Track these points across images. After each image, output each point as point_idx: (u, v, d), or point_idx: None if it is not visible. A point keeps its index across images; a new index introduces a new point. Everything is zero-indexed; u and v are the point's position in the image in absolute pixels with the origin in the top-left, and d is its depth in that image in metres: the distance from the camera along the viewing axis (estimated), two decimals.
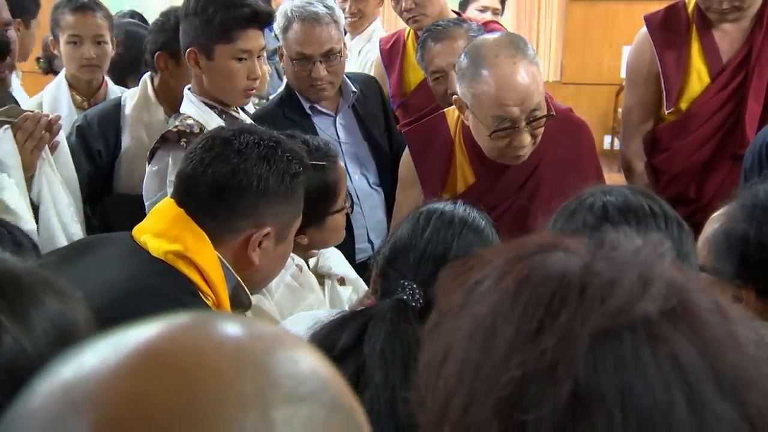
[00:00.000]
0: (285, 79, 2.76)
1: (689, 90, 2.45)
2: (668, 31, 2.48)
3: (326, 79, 2.50)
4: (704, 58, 2.43)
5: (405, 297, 1.32)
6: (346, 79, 2.64)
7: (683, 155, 2.48)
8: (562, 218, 1.24)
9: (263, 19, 2.16)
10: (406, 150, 2.25)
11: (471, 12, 3.85)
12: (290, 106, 2.58)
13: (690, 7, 2.48)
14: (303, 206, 1.60)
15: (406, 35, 3.07)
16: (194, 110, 2.15)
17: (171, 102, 2.40)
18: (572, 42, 7.77)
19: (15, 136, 1.97)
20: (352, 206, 2.05)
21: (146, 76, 2.47)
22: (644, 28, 2.55)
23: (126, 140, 2.39)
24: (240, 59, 2.13)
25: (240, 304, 1.57)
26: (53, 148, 2.08)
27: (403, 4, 2.90)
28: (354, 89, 2.64)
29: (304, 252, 1.94)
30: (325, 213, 1.88)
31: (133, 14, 4.03)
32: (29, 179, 1.99)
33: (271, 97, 3.08)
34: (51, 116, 2.07)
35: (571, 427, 0.54)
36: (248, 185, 1.44)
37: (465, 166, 2.12)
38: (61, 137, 2.15)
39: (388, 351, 1.25)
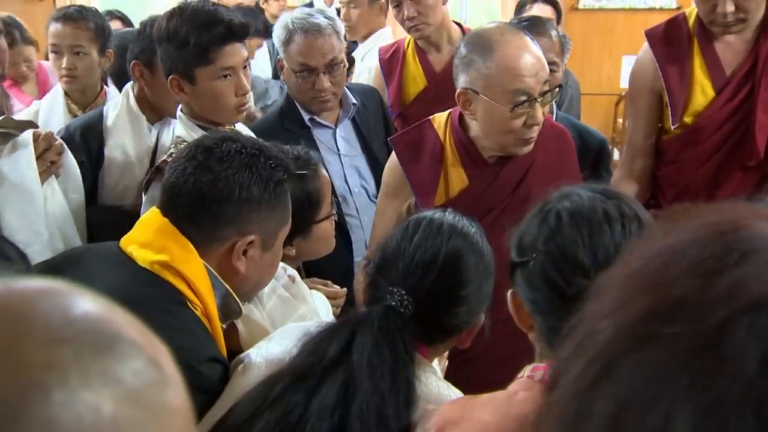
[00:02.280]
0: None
1: (693, 104, 2.38)
2: (670, 45, 2.41)
3: (329, 90, 2.47)
4: (707, 72, 2.36)
5: (393, 303, 1.30)
6: (347, 91, 2.60)
7: (691, 167, 2.41)
8: (524, 225, 1.21)
9: (239, 32, 2.07)
10: (392, 157, 2.19)
11: None
12: (290, 118, 2.54)
13: (691, 20, 2.40)
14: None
15: (406, 45, 3.04)
16: (186, 133, 2.08)
17: (153, 110, 2.36)
18: (571, 52, 7.74)
19: None
20: (338, 213, 2.00)
21: (128, 86, 2.41)
22: (646, 43, 2.47)
23: (109, 151, 2.33)
24: (225, 76, 2.05)
25: (230, 312, 1.54)
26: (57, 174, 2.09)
27: (405, 13, 2.85)
28: (354, 101, 2.60)
29: (294, 263, 1.89)
30: (310, 222, 1.83)
31: (112, 13, 4.01)
32: None
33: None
34: (47, 131, 2.07)
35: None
36: (230, 193, 1.41)
37: (458, 169, 2.07)
38: (70, 156, 2.15)
39: (376, 358, 1.23)
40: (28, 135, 1.99)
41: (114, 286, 1.42)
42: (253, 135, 2.26)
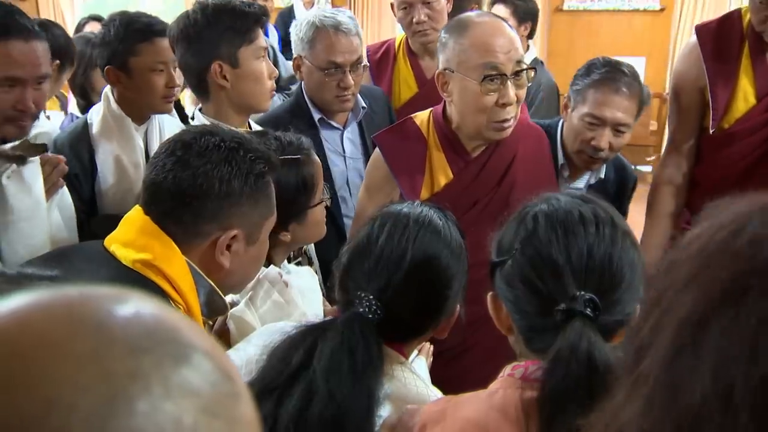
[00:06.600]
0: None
1: (733, 111, 2.31)
2: (719, 44, 2.31)
3: (352, 89, 2.45)
4: (753, 79, 2.29)
5: (361, 310, 1.24)
6: (358, 94, 2.55)
7: (721, 167, 2.36)
8: (504, 228, 1.19)
9: (264, 17, 2.14)
10: (375, 153, 2.14)
11: None
12: (300, 116, 2.47)
13: (745, 20, 2.30)
14: (282, 202, 1.52)
15: (396, 47, 2.93)
16: None
17: (137, 112, 2.25)
18: (556, 53, 7.69)
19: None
20: (330, 198, 1.95)
21: (107, 90, 2.28)
22: (692, 39, 2.38)
23: (100, 159, 2.22)
24: (260, 57, 2.10)
25: (216, 308, 1.48)
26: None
27: (416, 17, 2.77)
28: (364, 105, 2.56)
29: (288, 249, 1.84)
30: (305, 206, 1.79)
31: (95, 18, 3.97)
32: None
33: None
34: (53, 156, 2.00)
35: None
36: (210, 188, 1.35)
37: (442, 163, 2.03)
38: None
39: (334, 365, 1.18)
40: (36, 157, 1.93)
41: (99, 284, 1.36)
42: (258, 127, 2.22)
